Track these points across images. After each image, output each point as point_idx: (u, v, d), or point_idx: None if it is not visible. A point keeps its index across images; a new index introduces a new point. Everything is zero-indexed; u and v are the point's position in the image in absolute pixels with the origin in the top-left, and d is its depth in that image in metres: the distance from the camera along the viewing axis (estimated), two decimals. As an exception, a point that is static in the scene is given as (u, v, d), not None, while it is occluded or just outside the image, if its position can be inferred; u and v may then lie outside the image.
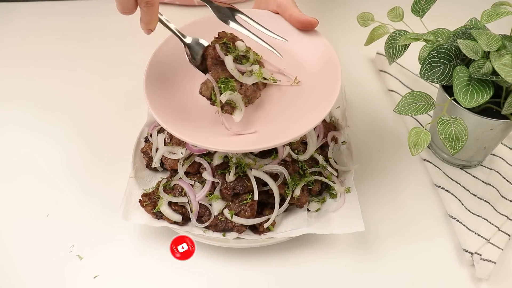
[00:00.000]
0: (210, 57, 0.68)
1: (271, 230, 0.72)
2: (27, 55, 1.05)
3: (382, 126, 0.93)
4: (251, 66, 0.70)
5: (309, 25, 0.75)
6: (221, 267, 0.71)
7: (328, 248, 0.74)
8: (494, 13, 0.71)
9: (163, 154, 0.77)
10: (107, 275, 0.70)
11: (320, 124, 0.81)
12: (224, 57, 0.68)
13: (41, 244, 0.73)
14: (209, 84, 0.67)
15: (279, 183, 0.72)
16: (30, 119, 0.91)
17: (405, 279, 0.71)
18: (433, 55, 0.71)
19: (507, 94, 0.72)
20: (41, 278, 0.70)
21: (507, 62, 0.65)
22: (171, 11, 1.13)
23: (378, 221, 0.77)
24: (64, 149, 0.86)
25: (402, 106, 0.72)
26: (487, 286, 0.70)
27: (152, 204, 0.72)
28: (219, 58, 0.69)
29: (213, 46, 0.69)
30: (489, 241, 0.73)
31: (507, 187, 0.81)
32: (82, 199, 0.79)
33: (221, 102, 0.65)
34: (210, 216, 0.71)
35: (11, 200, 0.79)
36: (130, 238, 0.74)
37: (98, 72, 1.01)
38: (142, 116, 0.88)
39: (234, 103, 0.67)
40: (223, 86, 0.66)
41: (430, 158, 0.85)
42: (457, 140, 0.67)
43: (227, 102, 0.66)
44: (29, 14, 1.15)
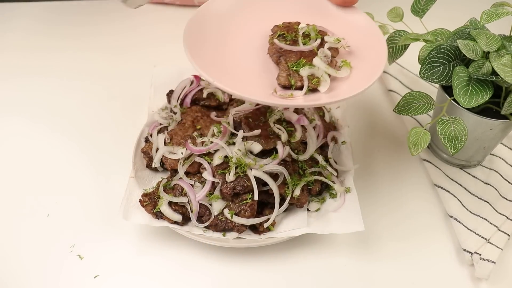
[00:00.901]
0: (273, 53, 0.70)
1: (271, 230, 0.72)
2: (27, 55, 1.05)
3: (382, 126, 0.93)
4: (316, 41, 0.71)
5: (349, 0, 0.75)
6: (221, 267, 0.71)
7: (328, 248, 0.74)
8: (494, 14, 0.71)
9: (163, 154, 0.77)
10: (107, 275, 0.70)
11: (320, 124, 0.81)
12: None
13: (41, 244, 0.73)
14: (282, 74, 0.67)
15: (279, 183, 0.72)
16: (30, 119, 0.91)
17: (405, 279, 0.71)
18: (432, 55, 0.71)
19: (506, 94, 0.72)
20: (41, 278, 0.70)
21: (507, 62, 0.65)
22: (171, 11, 1.13)
23: (378, 221, 0.77)
24: (65, 150, 0.86)
25: (402, 106, 0.72)
26: (486, 285, 0.70)
27: (152, 204, 0.72)
28: (280, 50, 0.69)
29: (271, 42, 0.71)
30: (488, 241, 0.73)
31: (507, 187, 0.81)
32: (82, 199, 0.79)
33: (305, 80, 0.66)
34: (210, 216, 0.71)
35: (11, 200, 0.79)
36: (130, 238, 0.74)
37: (98, 72, 1.01)
38: (142, 116, 0.88)
39: (316, 77, 0.67)
40: (295, 68, 0.67)
41: (430, 158, 0.85)
42: (456, 140, 0.67)
43: (309, 77, 0.66)
44: (29, 14, 1.15)
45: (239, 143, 0.74)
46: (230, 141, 0.75)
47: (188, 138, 0.77)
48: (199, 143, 0.76)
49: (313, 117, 0.82)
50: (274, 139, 0.75)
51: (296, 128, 0.77)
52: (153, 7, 1.13)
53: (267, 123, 0.77)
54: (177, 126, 0.81)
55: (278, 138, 0.75)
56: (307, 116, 0.81)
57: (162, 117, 0.85)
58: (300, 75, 0.66)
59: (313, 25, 0.72)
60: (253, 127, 0.75)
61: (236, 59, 0.69)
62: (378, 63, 0.66)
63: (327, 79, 0.66)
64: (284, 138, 0.75)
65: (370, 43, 0.70)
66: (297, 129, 0.77)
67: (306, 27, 0.72)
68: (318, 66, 0.67)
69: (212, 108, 0.86)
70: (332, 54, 0.70)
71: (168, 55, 1.03)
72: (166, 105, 0.88)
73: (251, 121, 0.76)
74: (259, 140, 0.74)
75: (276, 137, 0.75)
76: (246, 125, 0.76)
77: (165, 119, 0.85)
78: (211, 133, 0.77)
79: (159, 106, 0.88)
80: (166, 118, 0.85)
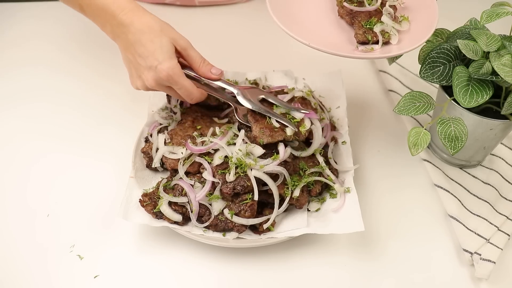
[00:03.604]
0: (345, 15, 0.78)
1: (271, 230, 0.72)
2: (27, 55, 1.05)
3: (382, 126, 0.93)
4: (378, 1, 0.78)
5: None
6: (221, 267, 0.71)
7: (328, 248, 0.74)
8: (494, 13, 0.71)
9: (164, 154, 0.77)
10: (107, 275, 0.70)
11: (329, 124, 0.83)
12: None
13: (41, 244, 0.73)
14: (359, 31, 0.75)
15: (279, 183, 0.72)
16: (30, 118, 0.91)
17: (404, 279, 0.71)
18: (433, 55, 0.71)
19: (506, 94, 0.72)
20: (41, 278, 0.70)
21: (507, 62, 0.65)
22: (172, 11, 1.13)
23: (378, 221, 0.77)
24: (64, 149, 0.86)
25: (402, 106, 0.72)
26: (486, 285, 0.70)
27: (152, 204, 0.72)
28: (352, 11, 0.77)
29: (341, 5, 0.78)
30: (488, 241, 0.73)
31: (507, 187, 0.81)
32: (82, 199, 0.79)
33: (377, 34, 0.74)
34: (210, 216, 0.71)
35: (12, 200, 0.79)
36: (130, 238, 0.74)
37: (98, 72, 1.01)
38: (142, 116, 0.88)
39: (386, 32, 0.75)
40: (369, 26, 0.75)
41: (430, 158, 0.85)
42: (456, 140, 0.67)
43: (381, 33, 0.74)
44: (29, 14, 1.15)
45: (240, 143, 0.74)
46: (230, 141, 0.75)
47: (188, 138, 0.77)
48: (199, 142, 0.76)
49: (323, 116, 0.83)
50: (279, 131, 0.74)
51: (303, 120, 0.77)
52: (153, 7, 1.13)
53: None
54: (177, 126, 0.81)
55: (283, 131, 0.74)
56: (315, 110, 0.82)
57: (162, 117, 0.85)
58: (374, 31, 0.74)
59: None
60: (258, 119, 0.75)
61: (314, 22, 0.78)
62: (432, 15, 0.75)
63: (395, 33, 0.75)
64: (289, 131, 0.74)
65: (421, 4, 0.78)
66: (304, 120, 0.77)
67: None
68: (387, 22, 0.75)
69: (212, 108, 0.86)
70: (393, 10, 0.78)
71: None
72: (166, 105, 0.88)
73: (257, 114, 0.76)
74: (264, 131, 0.73)
75: (281, 129, 0.75)
76: (252, 117, 0.76)
77: (165, 119, 0.85)
78: (211, 132, 0.77)
79: (159, 106, 0.88)
80: (166, 118, 0.85)
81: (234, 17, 1.14)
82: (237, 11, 1.15)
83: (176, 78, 0.72)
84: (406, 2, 0.79)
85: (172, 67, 0.71)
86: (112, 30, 0.75)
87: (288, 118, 0.76)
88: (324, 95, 0.91)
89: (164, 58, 0.71)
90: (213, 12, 1.15)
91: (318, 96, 0.90)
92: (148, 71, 0.72)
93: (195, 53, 0.75)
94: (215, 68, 0.76)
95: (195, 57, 0.75)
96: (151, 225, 0.71)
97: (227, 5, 1.16)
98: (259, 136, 0.73)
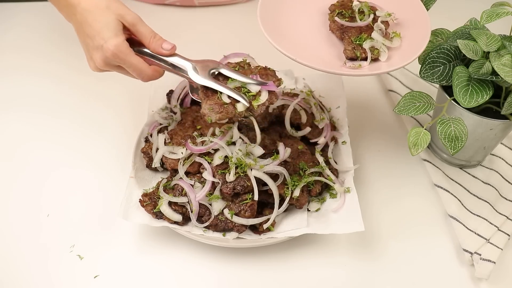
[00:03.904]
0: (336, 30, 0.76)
1: (271, 230, 0.72)
2: (27, 54, 1.05)
3: (382, 126, 0.93)
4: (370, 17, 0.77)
5: None
6: (221, 267, 0.71)
7: (328, 248, 0.74)
8: (494, 13, 0.71)
9: (164, 154, 0.77)
10: (107, 275, 0.70)
11: (328, 124, 0.83)
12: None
13: (41, 244, 0.73)
14: (348, 47, 0.74)
15: (279, 183, 0.72)
16: (30, 119, 0.91)
17: (404, 279, 0.71)
18: (433, 55, 0.71)
19: (506, 94, 0.72)
20: (41, 278, 0.70)
21: (507, 62, 0.65)
22: (172, 12, 1.13)
23: (378, 221, 0.77)
24: (65, 149, 0.86)
25: (402, 106, 0.72)
26: (486, 285, 0.70)
27: (152, 204, 0.72)
28: (342, 26, 0.76)
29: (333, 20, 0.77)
30: (488, 241, 0.73)
31: (507, 187, 0.81)
32: (82, 199, 0.79)
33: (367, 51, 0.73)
34: (210, 216, 0.71)
35: (12, 200, 0.79)
36: (130, 238, 0.74)
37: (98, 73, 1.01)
38: (142, 116, 0.88)
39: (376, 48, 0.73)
40: (358, 42, 0.74)
41: (430, 158, 0.85)
42: (456, 140, 0.67)
43: (370, 49, 0.73)
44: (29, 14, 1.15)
45: (240, 144, 0.74)
46: (230, 141, 0.75)
47: (188, 138, 0.77)
48: (199, 142, 0.75)
49: (323, 117, 0.83)
50: (229, 107, 0.68)
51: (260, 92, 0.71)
52: (153, 8, 1.13)
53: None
54: (177, 126, 0.81)
55: (234, 107, 0.68)
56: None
57: (162, 117, 0.85)
58: (363, 47, 0.73)
59: (365, 2, 0.79)
60: (209, 96, 0.70)
61: (304, 36, 0.77)
62: (424, 32, 0.73)
63: (385, 50, 0.74)
64: (240, 107, 0.68)
65: (413, 15, 0.77)
66: (261, 92, 0.71)
67: (360, 4, 0.78)
68: (377, 39, 0.74)
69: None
70: (385, 26, 0.77)
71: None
72: (166, 105, 0.88)
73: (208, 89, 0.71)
74: (213, 108, 0.68)
75: (232, 105, 0.69)
76: (203, 93, 0.71)
77: (165, 119, 0.85)
78: (211, 132, 0.77)
79: (159, 106, 0.88)
80: (166, 118, 0.85)
81: (234, 17, 1.14)
82: (237, 11, 1.15)
83: (123, 56, 0.68)
84: (400, 18, 0.78)
85: (117, 44, 0.67)
86: (66, 12, 0.73)
87: (243, 92, 0.70)
88: (324, 95, 0.91)
89: (110, 36, 0.67)
90: (213, 12, 1.15)
91: (318, 96, 0.90)
92: (96, 51, 0.69)
93: (144, 28, 0.71)
94: (166, 42, 0.71)
95: (144, 33, 0.70)
96: (151, 225, 0.71)
97: (227, 5, 1.16)
98: (207, 114, 0.69)
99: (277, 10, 0.77)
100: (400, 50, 0.74)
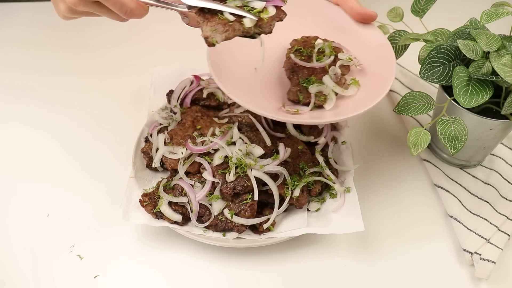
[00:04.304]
0: (288, 68, 0.72)
1: (271, 230, 0.72)
2: (26, 54, 1.05)
3: (382, 126, 0.93)
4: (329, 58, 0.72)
5: (369, 18, 0.76)
6: (221, 267, 0.71)
7: (328, 248, 0.74)
8: (494, 13, 0.71)
9: (164, 154, 0.77)
10: (107, 275, 0.70)
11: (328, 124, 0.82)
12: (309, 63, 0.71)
13: (41, 244, 0.73)
14: (292, 89, 0.70)
15: (279, 183, 0.72)
16: (30, 119, 0.91)
17: (405, 279, 0.71)
18: (433, 55, 0.71)
19: (506, 94, 0.72)
20: (41, 278, 0.70)
21: (507, 62, 0.65)
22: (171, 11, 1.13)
23: (378, 221, 0.77)
24: (65, 150, 0.86)
25: (402, 106, 0.72)
26: (486, 286, 0.70)
27: (152, 204, 0.72)
28: (295, 65, 0.71)
29: (288, 56, 0.72)
30: (488, 241, 0.73)
31: (507, 187, 0.81)
32: (82, 199, 0.79)
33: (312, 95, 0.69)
34: (210, 216, 0.71)
35: (12, 200, 0.79)
36: (130, 238, 0.74)
37: (98, 73, 1.01)
38: (142, 116, 0.88)
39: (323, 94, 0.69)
40: (305, 84, 0.69)
41: (430, 158, 0.85)
42: (456, 140, 0.67)
43: (317, 94, 0.69)
44: (29, 14, 1.15)
45: (240, 144, 0.74)
46: (230, 141, 0.75)
47: (188, 138, 0.77)
48: (199, 142, 0.75)
49: None
50: (235, 24, 0.61)
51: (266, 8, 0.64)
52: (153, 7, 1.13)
53: None
54: (177, 126, 0.81)
55: (240, 24, 0.61)
56: None
57: (162, 117, 0.85)
58: (308, 91, 0.68)
59: (329, 42, 0.74)
60: (209, 18, 0.62)
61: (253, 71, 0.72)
62: (385, 83, 0.68)
63: (333, 98, 0.69)
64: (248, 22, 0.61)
65: (381, 63, 0.73)
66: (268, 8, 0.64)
67: (322, 44, 0.74)
68: (327, 84, 0.69)
69: (212, 108, 0.86)
70: (343, 71, 0.72)
71: (168, 54, 1.04)
72: (166, 105, 0.88)
73: (206, 12, 0.64)
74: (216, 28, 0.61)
75: (238, 22, 0.62)
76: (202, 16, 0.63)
77: (165, 119, 0.85)
78: (211, 132, 0.77)
79: (159, 106, 0.88)
80: (166, 118, 0.85)
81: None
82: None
83: None
84: (366, 64, 0.72)
85: None
86: None
87: (246, 10, 0.63)
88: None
89: None
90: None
91: None
92: None
93: None
94: None
95: None
96: (151, 225, 0.71)
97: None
98: (210, 35, 0.61)
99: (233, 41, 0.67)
100: (354, 100, 0.69)
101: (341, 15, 0.78)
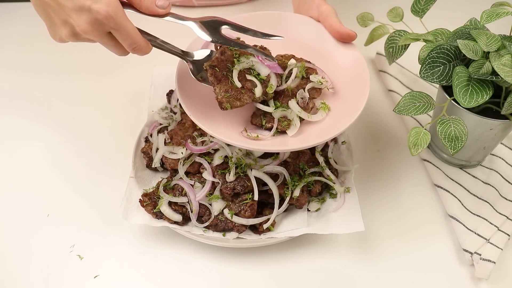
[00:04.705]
0: None
1: (271, 230, 0.72)
2: (26, 54, 1.05)
3: (382, 126, 0.93)
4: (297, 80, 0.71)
5: (347, 37, 0.75)
6: (221, 267, 0.71)
7: (328, 248, 0.74)
8: (494, 13, 0.71)
9: (164, 154, 0.77)
10: (107, 275, 0.70)
11: None
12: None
13: (41, 244, 0.73)
14: (257, 113, 0.69)
15: (279, 183, 0.72)
16: (30, 119, 0.91)
17: (405, 279, 0.71)
18: (432, 55, 0.71)
19: (506, 94, 0.72)
20: (41, 278, 0.70)
21: (507, 62, 0.65)
22: (171, 11, 1.13)
23: (378, 221, 0.77)
24: (65, 150, 0.86)
25: (402, 106, 0.72)
26: (486, 286, 0.70)
27: (152, 204, 0.72)
28: None
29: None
30: (488, 241, 0.73)
31: (507, 187, 0.81)
32: (82, 199, 0.79)
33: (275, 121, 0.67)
34: (210, 216, 0.71)
35: (12, 200, 0.79)
36: (130, 238, 0.74)
37: (98, 73, 1.01)
38: (142, 116, 0.88)
39: (288, 119, 0.67)
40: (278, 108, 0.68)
41: (430, 158, 0.85)
42: (456, 140, 0.67)
43: (281, 119, 0.67)
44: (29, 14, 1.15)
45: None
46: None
47: (188, 138, 0.77)
48: (199, 142, 0.76)
49: None
50: (247, 93, 0.65)
51: (269, 76, 0.68)
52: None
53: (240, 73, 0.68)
54: (177, 126, 0.81)
55: (251, 92, 0.66)
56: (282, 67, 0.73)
57: (162, 117, 0.85)
58: (272, 116, 0.67)
59: (302, 62, 0.72)
60: (221, 79, 0.66)
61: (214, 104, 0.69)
62: (354, 109, 0.67)
63: (297, 124, 0.67)
64: (258, 92, 0.66)
65: (356, 86, 0.71)
66: (271, 77, 0.68)
67: (295, 64, 0.72)
68: (292, 108, 0.67)
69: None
70: (313, 95, 0.70)
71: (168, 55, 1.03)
72: (166, 105, 0.88)
73: (217, 71, 0.67)
74: (231, 94, 0.65)
75: (249, 90, 0.66)
76: (213, 76, 0.66)
77: (165, 119, 0.85)
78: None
79: (159, 106, 0.88)
80: (166, 118, 0.85)
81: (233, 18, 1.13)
82: (237, 12, 1.15)
83: (119, 19, 0.57)
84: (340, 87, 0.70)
85: (112, 4, 0.56)
86: None
87: (253, 75, 0.67)
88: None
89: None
90: (212, 13, 1.14)
91: None
92: (79, 13, 0.58)
93: None
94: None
95: None
96: (151, 225, 0.71)
97: (226, 6, 1.16)
98: (225, 101, 0.63)
99: None
100: (320, 126, 0.67)
101: (321, 33, 0.77)
